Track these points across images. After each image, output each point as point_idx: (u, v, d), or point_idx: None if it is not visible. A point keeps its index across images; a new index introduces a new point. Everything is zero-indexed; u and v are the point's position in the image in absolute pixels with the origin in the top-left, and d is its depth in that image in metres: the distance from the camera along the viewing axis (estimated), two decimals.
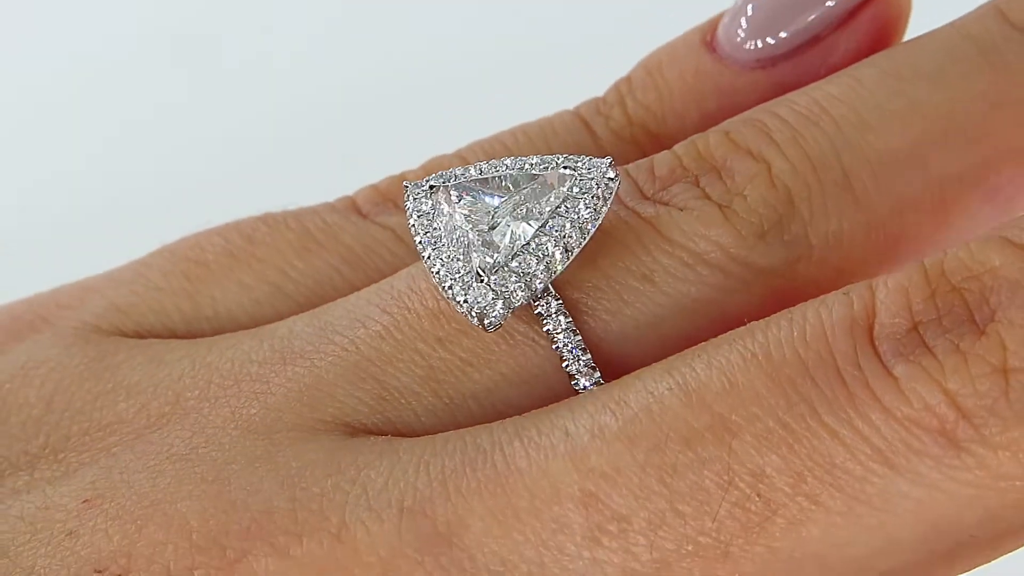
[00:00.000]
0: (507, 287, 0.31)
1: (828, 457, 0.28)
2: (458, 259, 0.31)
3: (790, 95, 0.34)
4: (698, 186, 0.32)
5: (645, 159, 0.33)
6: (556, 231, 0.31)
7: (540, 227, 0.31)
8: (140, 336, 0.34)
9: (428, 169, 0.36)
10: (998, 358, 0.28)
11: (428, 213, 0.32)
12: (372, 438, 0.31)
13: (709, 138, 0.33)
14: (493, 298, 0.31)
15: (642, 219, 0.32)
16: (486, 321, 0.31)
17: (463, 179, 0.32)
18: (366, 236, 0.35)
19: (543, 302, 0.31)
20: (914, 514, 0.28)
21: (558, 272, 0.31)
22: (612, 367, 0.31)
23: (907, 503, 0.28)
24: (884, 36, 0.35)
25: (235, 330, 0.34)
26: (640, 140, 0.36)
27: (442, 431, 0.31)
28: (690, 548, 0.29)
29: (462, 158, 0.36)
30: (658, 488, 0.29)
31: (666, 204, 0.32)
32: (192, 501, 0.30)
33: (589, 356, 0.31)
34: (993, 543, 0.29)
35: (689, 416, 0.29)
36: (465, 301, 0.31)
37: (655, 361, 0.31)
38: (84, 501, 0.31)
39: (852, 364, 0.29)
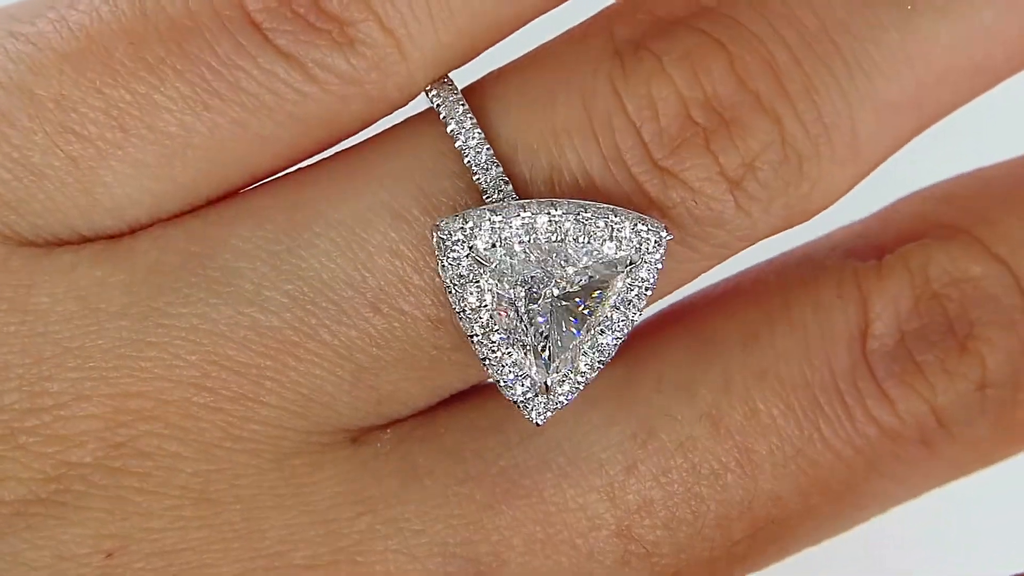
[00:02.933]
0: (561, 398, 0.30)
1: (831, 475, 0.31)
2: (504, 348, 0.29)
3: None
4: (709, 150, 0.30)
5: (645, 93, 0.30)
6: (610, 328, 0.30)
7: (596, 326, 0.30)
8: (46, 243, 0.30)
9: None
10: (979, 376, 0.31)
11: (464, 278, 0.29)
12: (382, 451, 0.30)
13: (713, 72, 0.30)
14: (550, 410, 0.30)
15: (653, 204, 0.30)
16: (538, 422, 0.30)
17: (500, 246, 0.29)
18: (272, 79, 0.30)
19: None
20: (883, 504, 0.32)
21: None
22: None
23: (882, 498, 0.32)
24: None
25: (138, 213, 0.30)
26: None
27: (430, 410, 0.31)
28: (710, 564, 0.31)
29: None
30: (688, 518, 0.31)
31: (676, 177, 0.30)
32: (231, 563, 0.29)
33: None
34: None
35: (718, 451, 0.31)
36: (522, 402, 0.30)
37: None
38: (107, 556, 0.29)
39: (851, 384, 0.31)
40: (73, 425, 0.29)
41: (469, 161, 0.30)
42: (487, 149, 0.30)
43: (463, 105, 0.30)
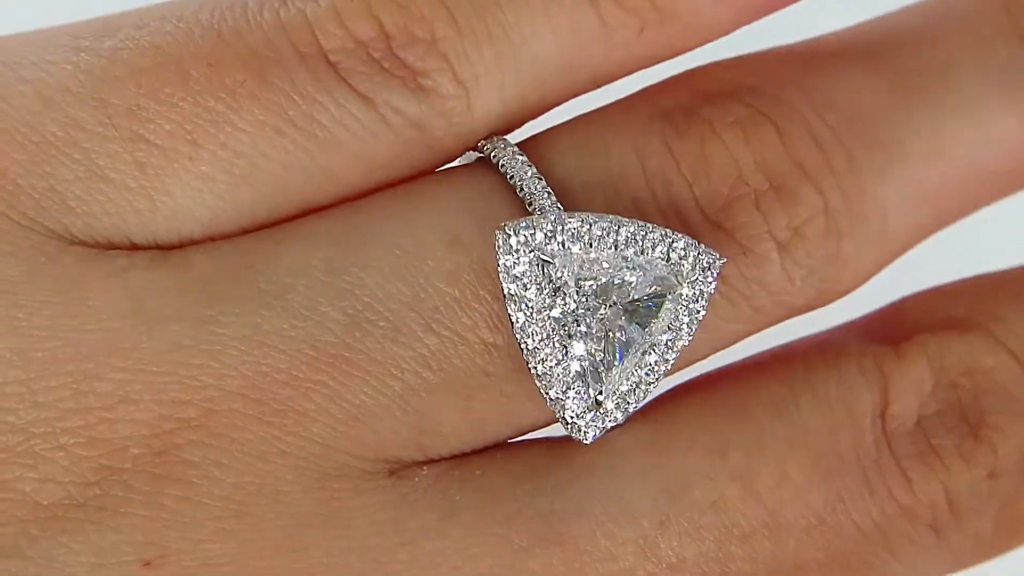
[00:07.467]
0: (611, 416, 0.30)
1: (853, 550, 0.32)
2: (558, 357, 0.30)
3: (828, 80, 0.32)
4: (758, 210, 0.31)
5: (698, 151, 0.31)
6: (661, 349, 0.30)
7: (647, 345, 0.30)
8: (97, 246, 0.30)
9: None
10: (991, 464, 0.32)
11: (524, 279, 0.29)
12: (420, 486, 0.30)
13: (763, 139, 0.31)
14: (599, 428, 0.30)
15: None
16: (587, 440, 0.30)
17: (559, 245, 0.30)
18: (345, 115, 0.30)
19: None
20: None
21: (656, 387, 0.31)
22: None
23: None
24: None
25: (193, 227, 0.30)
26: None
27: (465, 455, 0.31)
28: None
29: None
30: None
31: (726, 232, 0.31)
32: None
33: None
34: None
35: (749, 512, 0.31)
36: (572, 418, 0.30)
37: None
38: (145, 565, 0.28)
39: (873, 460, 0.32)
40: (117, 429, 0.29)
41: (523, 192, 0.31)
42: (540, 179, 0.31)
43: (513, 147, 0.31)
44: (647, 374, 0.30)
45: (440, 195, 0.31)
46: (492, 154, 0.31)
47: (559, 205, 0.30)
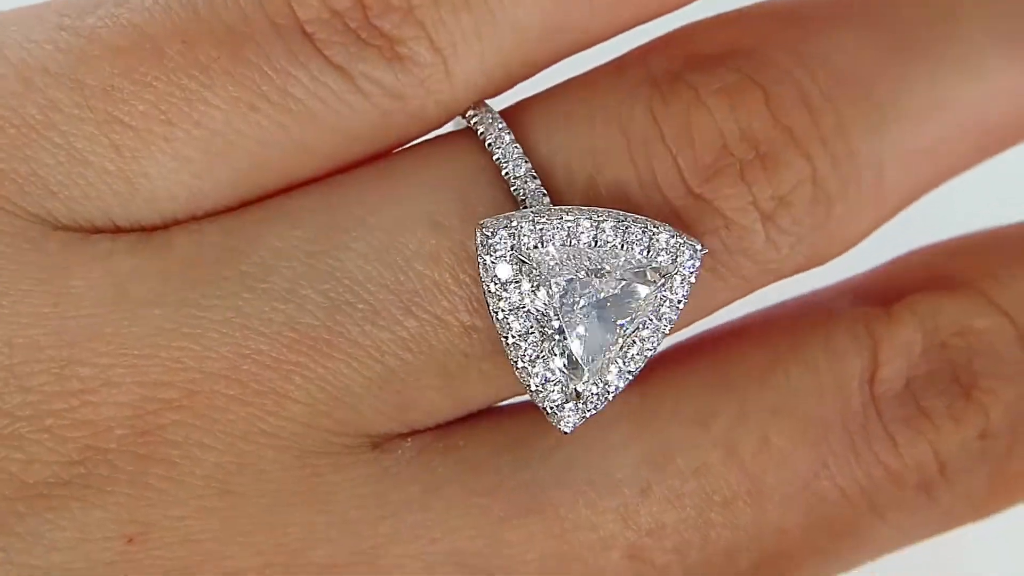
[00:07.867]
0: (591, 405, 0.30)
1: (837, 516, 0.32)
2: (538, 351, 0.30)
3: (822, 38, 0.32)
4: (743, 181, 0.31)
5: (683, 121, 0.31)
6: (640, 339, 0.30)
7: (628, 336, 0.30)
8: (81, 229, 0.30)
9: None
10: (982, 425, 0.32)
11: (504, 279, 0.29)
12: (403, 459, 0.31)
13: (749, 107, 0.31)
14: (579, 417, 0.30)
15: (687, 230, 0.31)
16: (567, 429, 0.30)
17: (540, 242, 0.30)
18: (320, 88, 0.30)
19: None
20: (878, 552, 0.33)
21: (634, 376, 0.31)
22: None
23: (879, 545, 0.33)
24: None
25: (174, 208, 0.30)
26: None
27: (449, 424, 0.31)
28: None
29: None
30: (698, 544, 0.31)
31: (710, 205, 0.31)
32: (252, 555, 0.29)
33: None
34: None
35: (731, 478, 0.31)
36: (552, 409, 0.30)
37: None
38: (128, 541, 0.29)
39: (860, 425, 0.32)
40: (101, 411, 0.29)
41: (507, 173, 0.31)
42: (525, 162, 0.31)
43: (500, 123, 0.31)
44: (627, 363, 0.30)
45: (423, 172, 0.31)
46: (479, 130, 0.31)
47: (543, 190, 0.30)
